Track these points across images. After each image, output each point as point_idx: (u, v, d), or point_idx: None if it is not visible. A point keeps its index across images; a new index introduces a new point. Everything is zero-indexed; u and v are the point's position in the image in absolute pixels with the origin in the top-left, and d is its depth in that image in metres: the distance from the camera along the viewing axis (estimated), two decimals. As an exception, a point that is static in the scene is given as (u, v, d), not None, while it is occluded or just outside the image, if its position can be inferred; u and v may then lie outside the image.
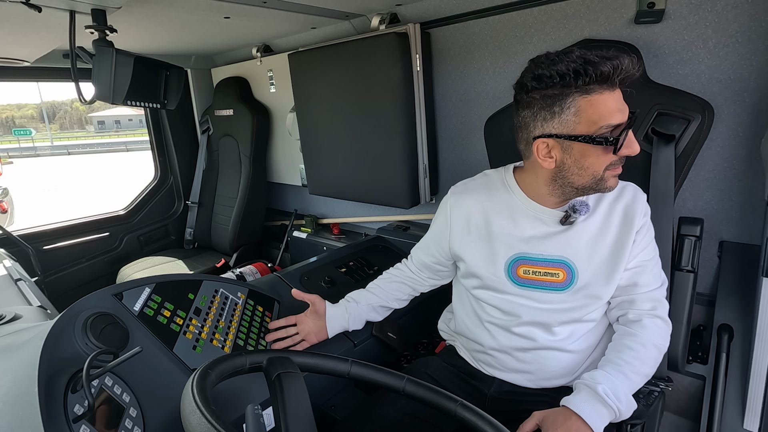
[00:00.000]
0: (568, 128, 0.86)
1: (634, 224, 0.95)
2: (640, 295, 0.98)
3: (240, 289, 1.25)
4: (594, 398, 0.86)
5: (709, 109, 1.14)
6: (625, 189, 1.00)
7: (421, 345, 1.49)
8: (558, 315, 1.00)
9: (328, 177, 2.11)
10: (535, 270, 1.00)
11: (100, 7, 1.29)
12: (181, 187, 2.94)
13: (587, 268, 0.97)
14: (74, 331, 0.84)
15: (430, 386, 0.80)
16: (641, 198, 0.99)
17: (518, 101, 0.93)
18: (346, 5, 1.64)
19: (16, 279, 1.53)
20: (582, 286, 0.97)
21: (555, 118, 0.86)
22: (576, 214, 0.95)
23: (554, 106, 0.86)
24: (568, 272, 0.98)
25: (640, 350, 0.92)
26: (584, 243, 0.97)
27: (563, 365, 1.02)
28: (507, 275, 1.02)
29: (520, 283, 1.01)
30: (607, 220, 0.97)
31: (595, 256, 0.96)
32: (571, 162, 0.89)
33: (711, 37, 1.20)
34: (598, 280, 0.97)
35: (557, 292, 0.99)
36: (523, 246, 1.00)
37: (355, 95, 1.81)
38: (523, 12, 1.50)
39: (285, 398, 0.67)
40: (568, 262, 0.98)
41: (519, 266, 1.01)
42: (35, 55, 1.77)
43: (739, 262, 1.26)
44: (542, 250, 0.99)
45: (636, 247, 0.96)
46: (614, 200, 0.98)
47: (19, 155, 26.54)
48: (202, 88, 2.81)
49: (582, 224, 0.97)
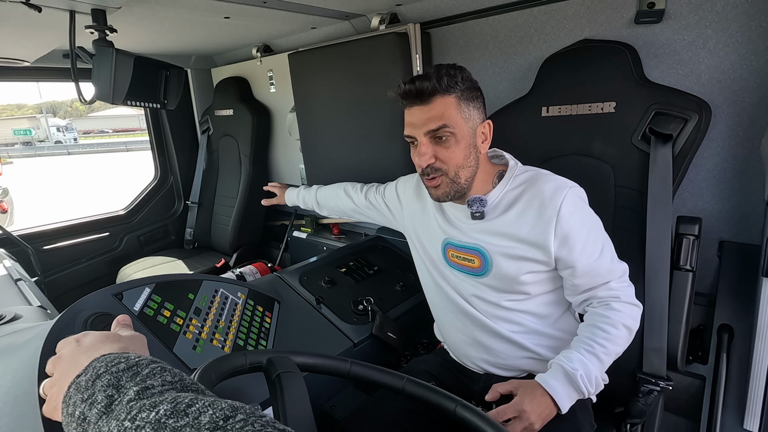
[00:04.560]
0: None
1: (550, 223, 0.95)
2: (600, 289, 0.99)
3: (240, 289, 1.25)
4: (569, 383, 0.91)
5: (706, 108, 1.15)
6: (543, 187, 0.98)
7: (421, 345, 1.49)
8: (482, 300, 1.07)
9: (328, 177, 2.11)
10: (457, 255, 1.10)
11: (100, 7, 1.29)
12: (181, 187, 2.94)
13: (500, 258, 1.02)
14: (74, 331, 0.84)
15: (430, 386, 0.80)
16: (559, 196, 0.96)
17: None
18: (346, 5, 1.64)
19: (16, 279, 1.53)
20: (496, 273, 1.03)
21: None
22: (470, 208, 1.03)
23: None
24: (483, 259, 1.04)
25: (612, 331, 0.95)
26: (498, 234, 1.02)
27: (513, 351, 1.06)
28: (443, 256, 1.13)
29: (450, 264, 1.12)
30: (522, 215, 1.00)
31: (507, 246, 1.01)
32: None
33: (711, 37, 1.20)
34: (510, 270, 1.01)
35: (476, 277, 1.07)
36: (450, 231, 1.11)
37: (355, 95, 1.81)
38: (523, 12, 1.50)
39: (285, 398, 0.67)
40: (482, 250, 1.04)
41: (448, 249, 1.12)
42: (35, 55, 1.77)
43: (739, 262, 1.26)
44: (462, 238, 1.08)
45: (572, 252, 0.96)
46: (531, 197, 0.99)
47: (19, 155, 26.54)
48: (202, 88, 2.81)
49: (498, 219, 1.03)
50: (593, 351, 0.94)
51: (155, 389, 0.44)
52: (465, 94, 0.97)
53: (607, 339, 0.94)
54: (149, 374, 0.47)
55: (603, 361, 0.94)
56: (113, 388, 0.45)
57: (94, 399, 0.45)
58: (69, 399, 0.47)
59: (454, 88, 0.96)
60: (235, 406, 0.40)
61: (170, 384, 0.46)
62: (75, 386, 0.48)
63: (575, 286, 1.01)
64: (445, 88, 0.95)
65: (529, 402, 0.89)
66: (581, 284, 0.99)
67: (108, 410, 0.43)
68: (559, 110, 1.34)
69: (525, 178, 1.02)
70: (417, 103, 0.98)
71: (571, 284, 1.01)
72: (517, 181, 1.03)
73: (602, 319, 0.97)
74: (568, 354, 0.95)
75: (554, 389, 0.91)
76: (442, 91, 0.95)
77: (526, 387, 0.93)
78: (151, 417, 0.39)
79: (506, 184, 1.03)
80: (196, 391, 0.45)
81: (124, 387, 0.45)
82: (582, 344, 0.96)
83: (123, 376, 0.47)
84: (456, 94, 0.96)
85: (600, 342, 0.94)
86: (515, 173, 1.04)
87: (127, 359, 0.50)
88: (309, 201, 1.66)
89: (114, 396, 0.44)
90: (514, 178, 1.03)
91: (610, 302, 0.99)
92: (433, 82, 0.94)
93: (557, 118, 1.34)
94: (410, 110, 1.00)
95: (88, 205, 7.89)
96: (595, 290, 0.99)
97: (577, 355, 0.94)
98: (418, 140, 1.00)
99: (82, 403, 0.45)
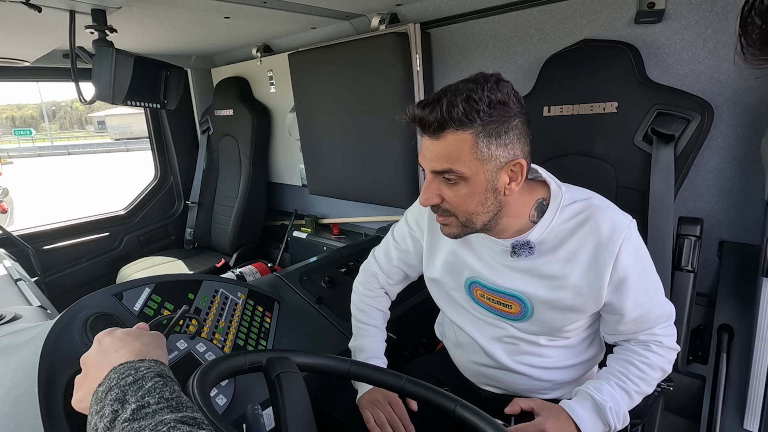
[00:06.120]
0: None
1: (606, 269, 0.82)
2: (643, 334, 0.92)
3: (240, 289, 1.25)
4: (597, 414, 0.85)
5: (709, 109, 1.14)
6: (599, 224, 0.82)
7: (421, 345, 1.49)
8: (512, 338, 0.96)
9: (328, 177, 2.11)
10: (489, 297, 0.95)
11: (100, 7, 1.29)
12: (181, 187, 2.94)
13: (544, 309, 0.89)
14: (74, 331, 0.84)
15: (429, 386, 0.80)
16: (618, 237, 0.81)
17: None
18: (346, 5, 1.64)
19: (16, 279, 1.53)
20: (537, 321, 0.92)
21: None
22: (515, 255, 0.87)
23: None
24: (522, 306, 0.92)
25: (648, 372, 0.89)
26: (543, 277, 0.87)
27: (531, 383, 1.00)
28: (467, 293, 1.00)
29: (478, 302, 0.99)
30: (573, 257, 0.84)
31: (552, 297, 0.87)
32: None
33: (711, 37, 1.20)
34: (554, 321, 0.90)
35: (511, 321, 0.95)
36: (478, 269, 0.95)
37: (355, 95, 1.81)
38: (523, 12, 1.50)
39: (285, 398, 0.67)
40: (522, 298, 0.90)
41: (475, 288, 0.98)
42: (35, 55, 1.77)
43: (739, 262, 1.26)
44: (496, 280, 0.92)
45: (625, 301, 0.85)
46: (586, 236, 0.83)
47: (19, 155, 26.54)
48: (202, 88, 2.81)
49: (542, 259, 0.87)
50: (625, 387, 0.87)
51: (150, 408, 0.50)
52: (489, 128, 0.74)
53: (641, 378, 0.88)
54: (150, 390, 0.53)
55: (633, 399, 0.88)
56: (119, 402, 0.51)
57: (103, 413, 0.51)
58: (91, 408, 0.54)
59: (473, 121, 0.73)
60: None
61: (166, 402, 0.51)
62: (94, 397, 0.55)
63: (618, 330, 0.91)
64: (459, 122, 0.73)
65: (552, 424, 0.83)
66: (625, 330, 0.90)
67: (111, 426, 0.49)
68: (561, 110, 1.34)
69: (576, 211, 0.85)
70: (426, 133, 0.79)
71: (614, 328, 0.91)
72: (566, 214, 0.85)
73: (639, 358, 0.90)
74: (597, 385, 0.88)
75: (580, 417, 0.84)
76: (453, 125, 0.74)
77: (551, 409, 0.87)
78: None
79: (551, 219, 0.84)
80: (185, 411, 0.51)
81: (127, 402, 0.51)
82: (614, 377, 0.89)
83: (128, 390, 0.53)
84: (474, 129, 0.74)
85: (633, 380, 0.88)
86: (561, 203, 0.85)
87: (136, 371, 0.56)
88: (381, 323, 1.19)
89: (118, 411, 0.50)
90: (561, 209, 0.85)
91: (651, 345, 0.91)
92: (443, 113, 0.73)
93: (559, 118, 1.34)
94: (422, 138, 0.81)
95: (88, 205, 7.89)
96: (637, 334, 0.91)
97: (608, 387, 0.87)
98: (426, 174, 0.84)
99: (96, 415, 0.51)
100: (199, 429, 0.47)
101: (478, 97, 0.73)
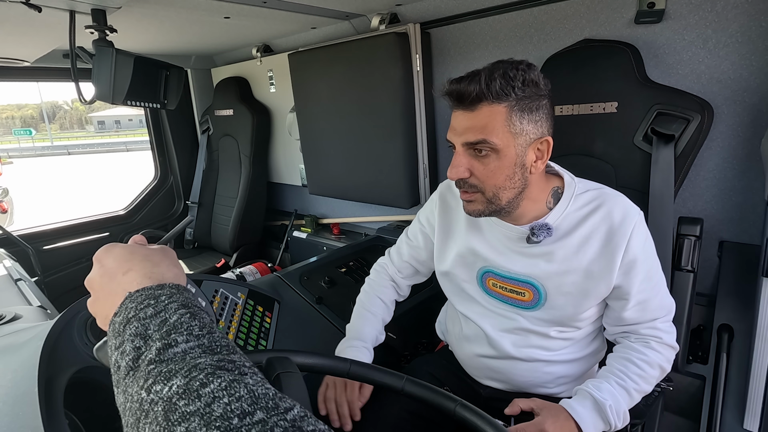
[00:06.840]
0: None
1: (617, 252, 0.87)
2: (645, 327, 0.94)
3: (240, 289, 1.25)
4: (597, 412, 0.86)
5: (709, 109, 1.14)
6: (612, 210, 0.88)
7: (421, 345, 1.49)
8: (523, 330, 0.98)
9: (328, 177, 2.11)
10: (502, 285, 0.98)
11: (100, 7, 1.29)
12: (181, 187, 2.94)
13: (558, 295, 0.92)
14: (74, 330, 0.84)
15: (429, 386, 0.80)
16: (630, 223, 0.87)
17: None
18: (346, 5, 1.64)
19: (16, 279, 1.53)
20: (549, 308, 0.95)
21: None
22: (534, 237, 0.90)
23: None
24: (536, 293, 0.94)
25: (647, 370, 0.90)
26: (556, 262, 0.91)
27: (535, 376, 1.01)
28: (479, 284, 1.02)
29: (489, 293, 1.01)
30: (586, 242, 0.89)
31: (566, 281, 0.91)
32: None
33: (711, 37, 1.20)
34: (566, 307, 0.93)
35: (523, 310, 0.97)
36: (491, 257, 0.98)
37: (355, 95, 1.81)
38: (523, 12, 1.50)
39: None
40: (536, 284, 0.94)
41: (488, 278, 1.00)
42: (35, 55, 1.77)
43: (739, 262, 1.26)
44: (509, 267, 0.96)
45: (632, 284, 0.89)
46: (599, 222, 0.88)
47: (19, 155, 26.55)
48: (202, 88, 2.81)
49: (556, 244, 0.91)
50: (625, 385, 0.89)
51: (178, 347, 0.41)
52: (522, 103, 0.81)
53: (640, 376, 0.90)
54: (175, 325, 0.44)
55: (633, 397, 0.89)
56: (141, 338, 0.43)
57: (124, 349, 0.43)
58: (109, 341, 0.46)
59: (508, 95, 0.79)
60: (257, 396, 0.35)
61: (196, 339, 0.43)
62: (111, 328, 0.47)
63: (621, 318, 0.93)
64: (495, 94, 0.79)
65: (552, 424, 0.84)
66: (629, 318, 0.92)
67: (135, 365, 0.41)
68: (561, 110, 1.34)
69: (589, 198, 0.90)
70: (460, 107, 0.83)
71: (617, 316, 0.93)
72: (580, 202, 0.90)
73: (639, 355, 0.91)
74: (597, 383, 0.89)
75: (581, 416, 0.85)
76: (490, 97, 0.79)
77: (551, 409, 0.87)
78: (164, 393, 0.36)
79: (566, 205, 0.90)
80: (220, 352, 0.42)
81: (151, 338, 0.43)
82: (613, 376, 0.91)
83: (150, 324, 0.44)
84: (508, 102, 0.80)
85: (633, 378, 0.90)
86: (575, 192, 0.91)
87: (156, 301, 0.47)
88: (386, 316, 1.22)
89: (141, 348, 0.42)
90: (575, 197, 0.90)
91: (650, 341, 0.92)
92: (482, 85, 0.79)
93: (559, 118, 1.34)
94: (455, 113, 0.86)
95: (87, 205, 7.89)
96: (638, 326, 0.93)
97: (608, 386, 0.88)
98: (456, 148, 0.87)
99: (116, 351, 0.44)
100: (243, 377, 0.38)
101: (513, 75, 0.79)
